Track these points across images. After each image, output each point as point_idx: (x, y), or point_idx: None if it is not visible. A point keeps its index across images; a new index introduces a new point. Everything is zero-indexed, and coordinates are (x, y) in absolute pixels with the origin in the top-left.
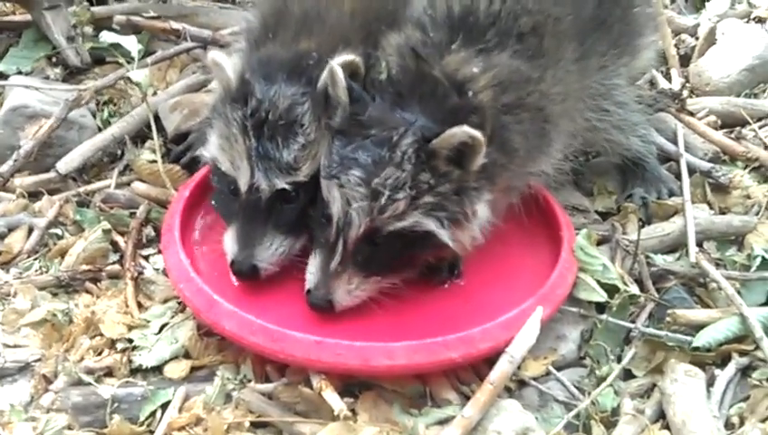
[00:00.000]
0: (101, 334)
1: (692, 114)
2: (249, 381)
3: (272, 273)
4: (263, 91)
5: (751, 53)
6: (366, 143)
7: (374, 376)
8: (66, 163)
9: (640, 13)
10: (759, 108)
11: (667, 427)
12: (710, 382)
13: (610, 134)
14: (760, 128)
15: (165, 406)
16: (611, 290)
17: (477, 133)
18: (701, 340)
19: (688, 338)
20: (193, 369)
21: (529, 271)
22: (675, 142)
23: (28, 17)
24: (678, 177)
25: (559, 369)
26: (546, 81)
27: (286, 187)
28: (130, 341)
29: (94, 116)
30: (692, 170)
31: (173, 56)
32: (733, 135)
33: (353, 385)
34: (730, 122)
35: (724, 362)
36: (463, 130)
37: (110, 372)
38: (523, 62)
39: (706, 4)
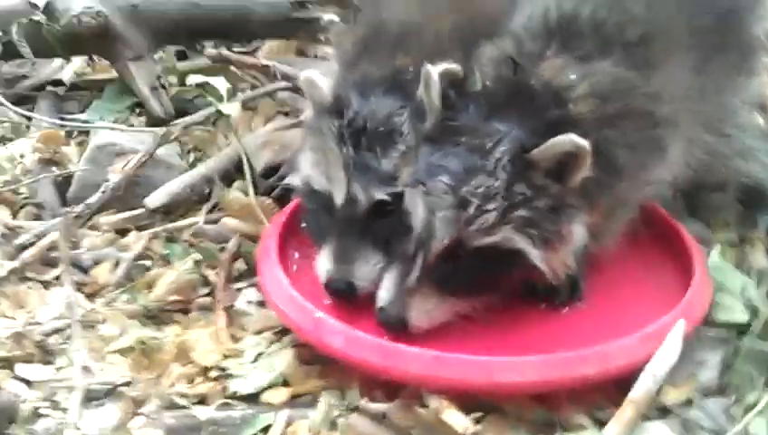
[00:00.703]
0: (193, 362)
1: None
2: (356, 408)
3: (370, 292)
4: (360, 102)
5: None
6: (457, 150)
7: (499, 394)
8: (154, 199)
9: (755, 33)
10: None
11: None
12: None
13: (731, 160)
14: None
15: (266, 431)
16: (753, 312)
17: (584, 143)
18: None
19: None
20: (293, 397)
21: (657, 291)
22: None
23: (109, 75)
24: None
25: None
26: (653, 85)
27: (385, 198)
28: (224, 369)
29: (181, 159)
30: None
31: (264, 94)
32: None
33: (471, 410)
34: None
35: None
36: (569, 140)
37: (202, 400)
38: (626, 69)
39: None
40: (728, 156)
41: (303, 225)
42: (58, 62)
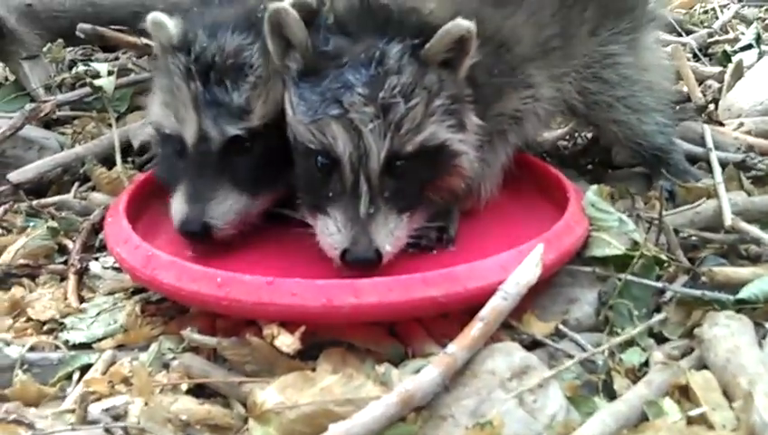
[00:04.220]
0: (28, 317)
1: (721, 124)
2: (191, 348)
3: (227, 235)
4: (207, 39)
5: None
6: (347, 69)
7: (338, 320)
8: (18, 175)
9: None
10: None
11: None
12: (762, 337)
13: (621, 114)
14: None
15: (85, 370)
16: (633, 247)
17: (470, 23)
18: (746, 292)
19: (730, 297)
20: (129, 345)
21: (533, 234)
22: (702, 145)
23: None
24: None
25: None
26: (513, 19)
27: (239, 133)
28: (62, 324)
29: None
30: (724, 165)
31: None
32: None
33: (320, 347)
34: None
35: None
36: (458, 24)
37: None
38: (485, 5)
39: (732, 59)
40: (616, 108)
41: (158, 172)
42: None
